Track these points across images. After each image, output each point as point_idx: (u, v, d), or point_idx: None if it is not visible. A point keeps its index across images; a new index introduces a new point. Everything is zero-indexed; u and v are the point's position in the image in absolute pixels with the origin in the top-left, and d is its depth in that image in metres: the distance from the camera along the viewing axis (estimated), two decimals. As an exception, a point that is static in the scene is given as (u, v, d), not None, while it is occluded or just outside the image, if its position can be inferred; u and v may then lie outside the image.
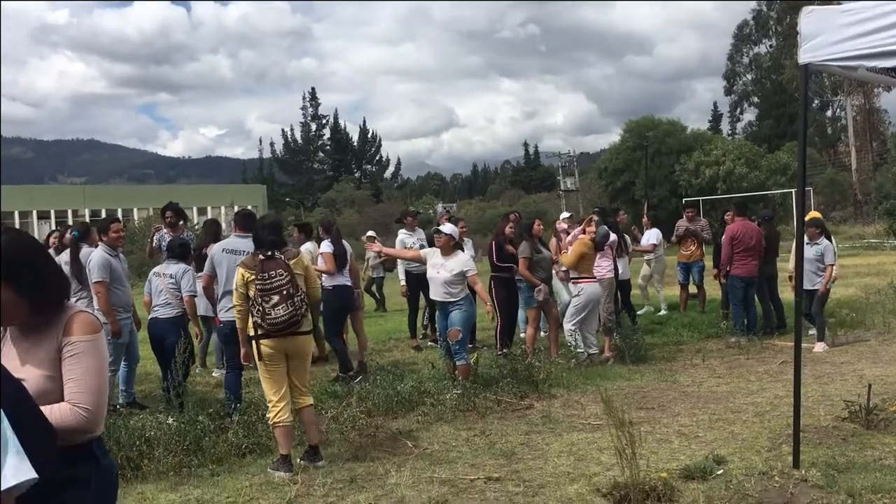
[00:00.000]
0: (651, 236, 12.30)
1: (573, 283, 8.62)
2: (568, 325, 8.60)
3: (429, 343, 10.11)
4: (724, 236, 9.96)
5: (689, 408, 6.53)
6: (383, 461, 5.37)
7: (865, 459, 4.86)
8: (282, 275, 5.22)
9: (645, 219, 13.33)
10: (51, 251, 7.86)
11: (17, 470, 1.80)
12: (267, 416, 5.44)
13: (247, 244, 6.25)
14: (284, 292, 5.18)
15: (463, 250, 7.75)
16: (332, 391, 7.31)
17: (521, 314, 9.47)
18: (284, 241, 5.69)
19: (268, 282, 5.18)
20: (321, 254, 8.31)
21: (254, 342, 5.29)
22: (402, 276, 10.23)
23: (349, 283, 8.47)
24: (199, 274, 7.18)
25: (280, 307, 5.14)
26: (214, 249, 6.81)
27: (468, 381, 7.08)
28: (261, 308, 5.16)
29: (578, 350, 8.47)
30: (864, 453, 5.00)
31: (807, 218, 9.84)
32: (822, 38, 4.45)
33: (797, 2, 55.48)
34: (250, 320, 5.31)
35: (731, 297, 9.85)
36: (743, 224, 9.82)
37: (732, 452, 5.14)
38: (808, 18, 4.52)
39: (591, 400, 6.80)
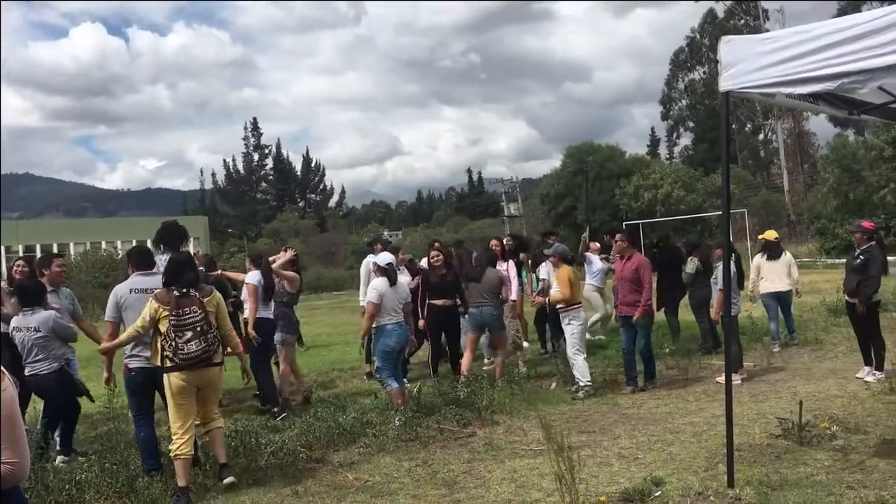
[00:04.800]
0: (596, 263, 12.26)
1: (562, 312, 8.54)
2: (579, 358, 8.37)
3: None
4: (643, 268, 8.54)
5: (630, 430, 6.59)
6: (323, 496, 5.29)
7: (798, 476, 4.95)
8: (196, 311, 5.39)
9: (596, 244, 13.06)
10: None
11: None
12: (170, 447, 5.42)
13: (155, 281, 5.97)
14: (198, 328, 5.35)
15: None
16: (272, 426, 7.19)
17: (483, 339, 9.68)
18: (201, 277, 5.78)
19: (182, 318, 5.33)
20: (245, 284, 8.18)
21: (166, 375, 5.37)
22: (361, 297, 10.04)
23: (271, 317, 8.33)
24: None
25: (193, 343, 5.30)
26: (120, 291, 6.04)
27: (409, 409, 7.06)
28: (173, 343, 5.28)
29: (586, 382, 8.25)
30: (796, 470, 5.10)
31: (763, 237, 10.91)
32: (741, 66, 4.60)
33: (728, 27, 57.47)
34: (160, 354, 5.38)
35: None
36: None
37: (670, 473, 5.20)
38: (728, 47, 4.67)
39: (534, 425, 6.81)
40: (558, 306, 8.61)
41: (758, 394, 7.73)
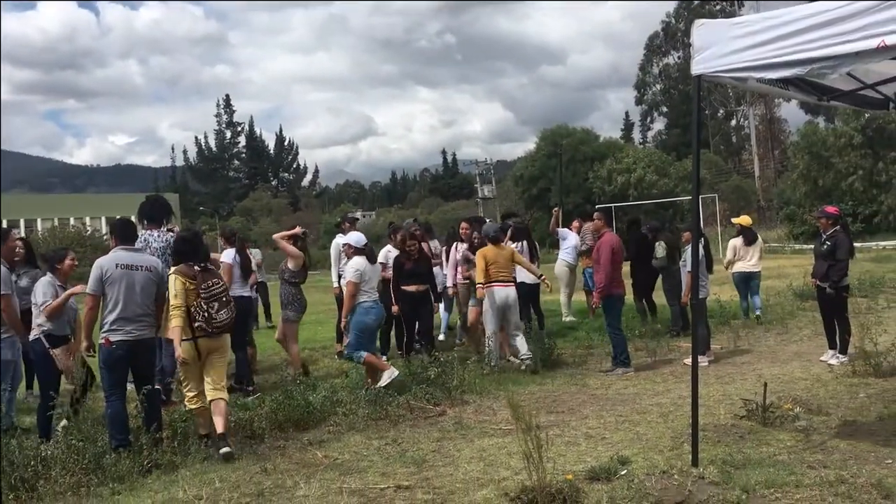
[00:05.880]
0: (571, 239, 12.20)
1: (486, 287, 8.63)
2: (487, 332, 8.67)
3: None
4: (602, 249, 8.46)
5: (598, 410, 6.66)
6: (292, 473, 5.29)
7: (761, 455, 5.05)
8: (218, 283, 5.88)
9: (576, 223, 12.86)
10: None
11: None
12: (185, 404, 5.92)
13: (142, 258, 6.05)
14: (224, 298, 5.86)
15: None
16: (242, 404, 7.16)
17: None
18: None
19: (210, 290, 5.78)
20: (220, 263, 8.04)
21: (191, 343, 5.77)
22: (334, 277, 10.06)
23: (249, 294, 8.39)
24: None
25: (223, 311, 5.80)
26: (105, 265, 5.84)
27: (379, 388, 7.11)
28: (206, 313, 5.71)
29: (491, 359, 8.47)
30: (759, 450, 5.19)
31: (738, 221, 11.43)
32: (713, 50, 4.62)
33: (704, 12, 57.69)
34: (188, 324, 5.71)
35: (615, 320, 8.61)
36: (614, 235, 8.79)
37: (636, 453, 5.27)
38: (700, 31, 4.69)
39: (503, 405, 6.84)
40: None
41: (724, 375, 7.84)
